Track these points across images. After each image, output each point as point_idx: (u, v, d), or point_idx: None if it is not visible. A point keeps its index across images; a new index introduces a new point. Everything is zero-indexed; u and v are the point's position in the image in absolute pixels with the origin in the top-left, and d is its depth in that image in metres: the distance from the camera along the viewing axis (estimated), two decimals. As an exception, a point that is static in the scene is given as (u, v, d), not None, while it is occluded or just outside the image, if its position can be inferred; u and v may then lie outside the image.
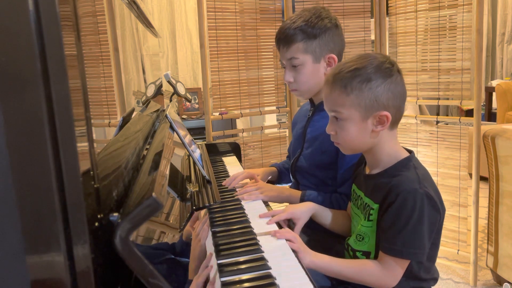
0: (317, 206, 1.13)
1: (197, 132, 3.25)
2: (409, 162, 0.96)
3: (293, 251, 0.91)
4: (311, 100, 1.33)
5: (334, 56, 1.22)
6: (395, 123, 0.95)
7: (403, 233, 0.88)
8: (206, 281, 0.79)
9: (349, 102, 0.92)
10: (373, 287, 0.95)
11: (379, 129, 0.93)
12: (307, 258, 0.93)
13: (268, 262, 0.83)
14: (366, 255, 0.98)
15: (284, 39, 1.21)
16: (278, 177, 1.47)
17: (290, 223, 1.37)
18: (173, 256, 0.83)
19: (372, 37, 2.23)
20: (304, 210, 1.10)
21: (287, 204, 1.21)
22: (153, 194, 0.57)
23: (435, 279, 1.00)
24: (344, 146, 0.98)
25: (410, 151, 1.00)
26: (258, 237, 0.95)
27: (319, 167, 1.24)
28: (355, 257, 1.00)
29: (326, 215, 1.13)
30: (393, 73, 0.92)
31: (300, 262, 0.86)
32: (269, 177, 1.45)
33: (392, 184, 0.91)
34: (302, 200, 1.22)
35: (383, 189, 0.93)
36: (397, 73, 0.93)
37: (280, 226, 1.04)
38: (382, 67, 0.92)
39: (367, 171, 1.02)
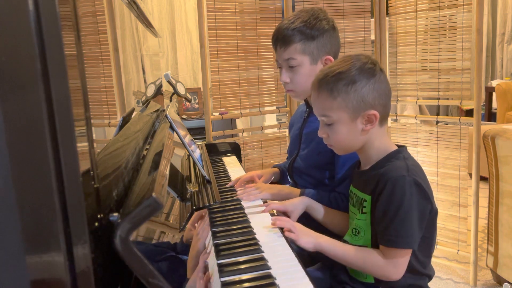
0: (312, 201, 1.15)
1: (197, 132, 3.25)
2: (399, 153, 0.98)
3: (293, 241, 0.93)
4: (306, 101, 1.33)
5: (331, 57, 1.23)
6: (383, 120, 0.98)
7: (395, 222, 0.90)
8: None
9: (336, 105, 0.95)
10: (375, 277, 0.96)
11: (369, 127, 0.96)
12: (311, 241, 0.95)
13: (268, 262, 0.83)
14: None
15: (282, 39, 1.21)
16: (281, 177, 1.48)
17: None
18: (174, 254, 0.83)
19: (372, 37, 2.23)
20: (297, 203, 1.13)
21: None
22: (153, 194, 0.58)
23: (430, 276, 1.01)
24: (336, 147, 1.02)
25: (401, 146, 1.02)
26: (257, 234, 0.95)
27: (316, 168, 1.25)
28: None
29: (321, 211, 1.14)
30: (376, 72, 0.95)
31: (299, 262, 0.86)
32: (272, 178, 1.46)
33: (381, 173, 0.94)
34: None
35: (373, 181, 0.95)
36: (380, 72, 0.96)
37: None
38: (365, 68, 0.95)
39: (361, 168, 1.04)
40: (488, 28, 4.92)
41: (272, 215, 1.15)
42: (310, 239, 0.95)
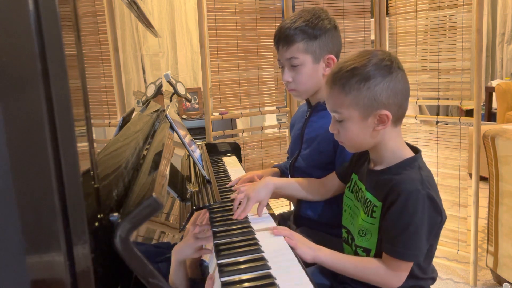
0: (278, 181, 1.14)
1: (197, 132, 3.25)
2: (415, 162, 0.94)
3: (291, 248, 0.91)
4: (308, 101, 1.33)
5: (333, 57, 1.23)
6: (398, 120, 0.94)
7: (404, 235, 0.88)
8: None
9: (347, 102, 0.91)
10: (376, 285, 0.95)
11: (380, 128, 0.92)
12: (309, 253, 0.93)
13: (268, 262, 0.83)
14: (366, 252, 0.97)
15: (284, 38, 1.22)
16: (281, 177, 1.47)
17: (289, 223, 1.37)
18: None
19: (372, 37, 2.23)
20: (261, 189, 1.11)
21: (287, 201, 1.21)
22: (153, 194, 0.58)
23: (433, 279, 1.00)
24: (347, 145, 0.98)
25: (417, 151, 0.98)
26: (257, 235, 0.95)
27: (317, 167, 1.24)
28: (355, 252, 1.00)
29: (292, 188, 1.13)
30: (392, 70, 0.90)
31: (299, 262, 0.86)
32: None
33: (394, 183, 0.91)
34: None
35: (385, 187, 0.92)
36: (397, 70, 0.91)
37: (278, 224, 1.05)
38: (381, 65, 0.90)
39: (371, 166, 1.01)
40: (488, 28, 4.92)
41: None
42: (309, 250, 0.93)
